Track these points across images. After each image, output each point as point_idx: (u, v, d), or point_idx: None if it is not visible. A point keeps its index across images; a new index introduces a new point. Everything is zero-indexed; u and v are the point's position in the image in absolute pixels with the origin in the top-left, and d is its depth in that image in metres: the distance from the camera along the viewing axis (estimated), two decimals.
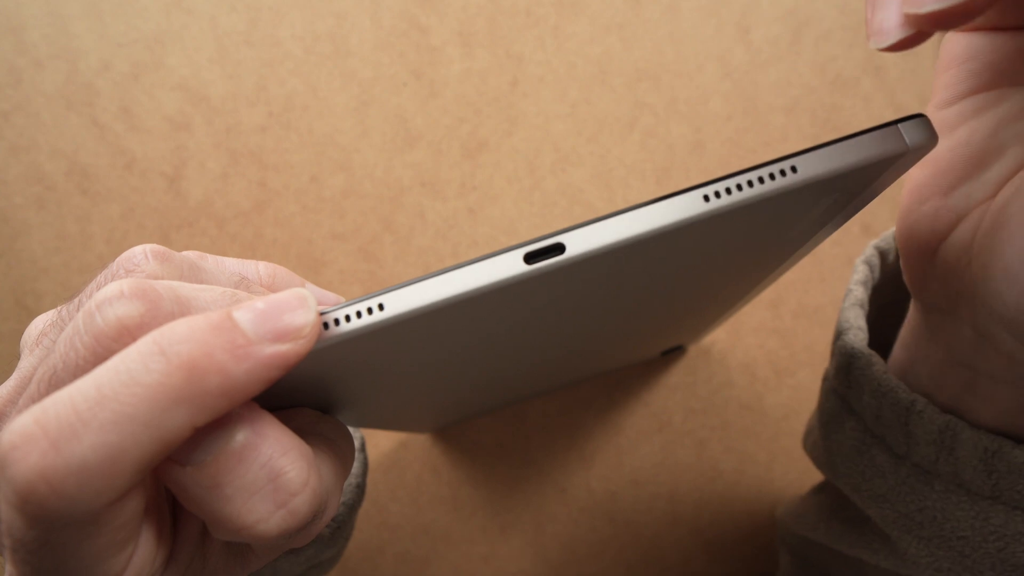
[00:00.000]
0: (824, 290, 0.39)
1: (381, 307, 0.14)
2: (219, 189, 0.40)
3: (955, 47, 0.17)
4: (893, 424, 0.20)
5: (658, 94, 0.40)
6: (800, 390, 0.39)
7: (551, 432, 0.40)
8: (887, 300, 0.25)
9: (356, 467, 0.26)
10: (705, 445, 0.39)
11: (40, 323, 0.18)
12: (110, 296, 0.14)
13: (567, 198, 0.40)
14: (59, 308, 0.17)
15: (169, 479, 0.15)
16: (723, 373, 0.39)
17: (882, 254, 0.24)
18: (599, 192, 0.40)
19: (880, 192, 0.17)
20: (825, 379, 0.24)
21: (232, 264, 0.20)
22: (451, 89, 0.40)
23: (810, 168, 0.14)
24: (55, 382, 0.15)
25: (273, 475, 0.15)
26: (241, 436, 0.15)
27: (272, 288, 0.20)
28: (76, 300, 0.17)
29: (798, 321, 0.39)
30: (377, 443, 0.40)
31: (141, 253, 0.17)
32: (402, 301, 0.14)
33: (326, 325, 0.15)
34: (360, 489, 0.26)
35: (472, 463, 0.40)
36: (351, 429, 0.27)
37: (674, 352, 0.39)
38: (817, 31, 0.40)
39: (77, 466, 0.13)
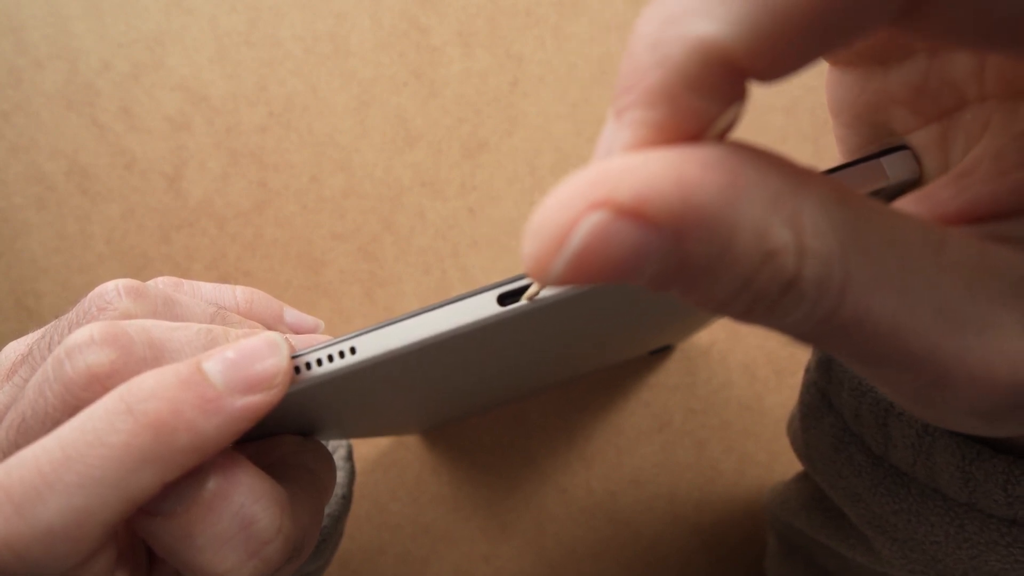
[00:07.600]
0: None
1: (353, 350, 0.14)
2: (219, 189, 0.40)
3: (828, 100, 0.16)
4: (872, 424, 0.19)
5: None
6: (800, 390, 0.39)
7: (551, 432, 0.40)
8: None
9: (342, 477, 0.26)
10: (705, 445, 0.39)
11: (12, 352, 0.17)
12: (80, 343, 0.14)
13: None
14: (30, 340, 0.17)
15: (139, 528, 0.14)
16: (723, 373, 0.39)
17: None
18: None
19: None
20: (807, 371, 0.23)
21: (209, 291, 0.19)
22: (451, 89, 0.40)
23: None
24: (23, 430, 0.14)
25: (245, 523, 0.14)
26: (212, 484, 0.14)
27: (249, 314, 0.20)
28: (48, 337, 0.16)
29: None
30: (377, 443, 0.40)
31: (114, 290, 0.16)
32: (375, 344, 0.14)
33: (298, 369, 0.15)
34: (346, 499, 0.26)
35: (472, 463, 0.40)
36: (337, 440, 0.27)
37: (663, 351, 0.39)
38: None
39: (43, 531, 0.12)
